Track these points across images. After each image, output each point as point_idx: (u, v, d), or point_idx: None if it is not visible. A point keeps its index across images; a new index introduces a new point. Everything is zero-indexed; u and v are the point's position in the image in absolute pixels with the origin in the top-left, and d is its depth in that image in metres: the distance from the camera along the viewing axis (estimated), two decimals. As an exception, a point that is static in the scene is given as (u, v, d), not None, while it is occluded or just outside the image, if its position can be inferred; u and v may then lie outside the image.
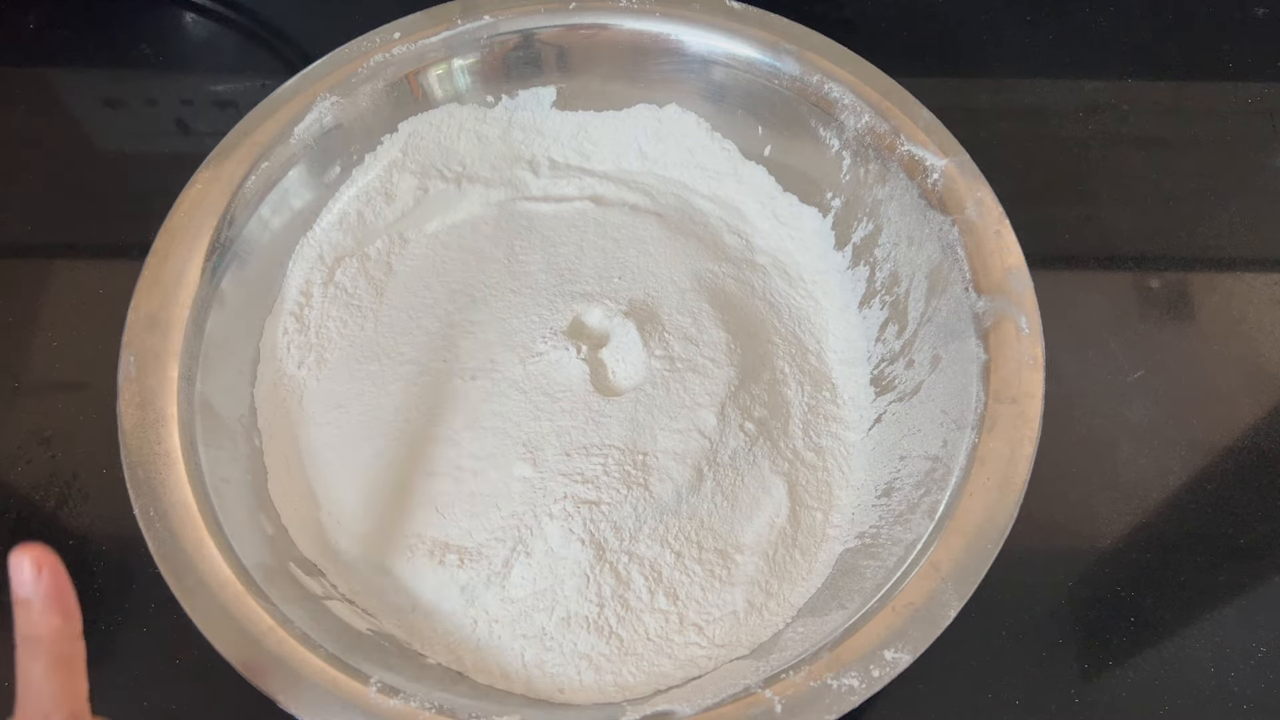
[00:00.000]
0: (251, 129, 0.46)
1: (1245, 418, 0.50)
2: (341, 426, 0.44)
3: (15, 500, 0.47)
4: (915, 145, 0.45)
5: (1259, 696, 0.43)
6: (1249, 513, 0.47)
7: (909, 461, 0.42)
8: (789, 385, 0.46)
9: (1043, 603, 0.45)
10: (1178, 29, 0.65)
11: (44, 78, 0.62)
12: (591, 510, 0.40)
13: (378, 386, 0.45)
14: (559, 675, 0.38)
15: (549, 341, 0.45)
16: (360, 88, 0.48)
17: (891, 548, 0.39)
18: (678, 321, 0.46)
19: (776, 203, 0.52)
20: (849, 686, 0.33)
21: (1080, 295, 0.54)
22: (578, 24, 0.50)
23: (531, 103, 0.53)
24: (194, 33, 0.64)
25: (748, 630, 0.40)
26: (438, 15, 0.50)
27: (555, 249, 0.50)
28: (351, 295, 0.48)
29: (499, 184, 0.53)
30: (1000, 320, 0.41)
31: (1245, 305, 0.54)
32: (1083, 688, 0.43)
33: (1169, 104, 0.61)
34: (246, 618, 0.35)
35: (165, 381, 0.39)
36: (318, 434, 0.44)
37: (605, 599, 0.39)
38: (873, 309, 0.48)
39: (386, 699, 0.33)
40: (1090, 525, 0.47)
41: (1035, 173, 0.58)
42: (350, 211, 0.49)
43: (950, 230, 0.43)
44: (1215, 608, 0.45)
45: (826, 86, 0.48)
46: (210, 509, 0.37)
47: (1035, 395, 0.39)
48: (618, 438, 0.42)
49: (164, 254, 0.42)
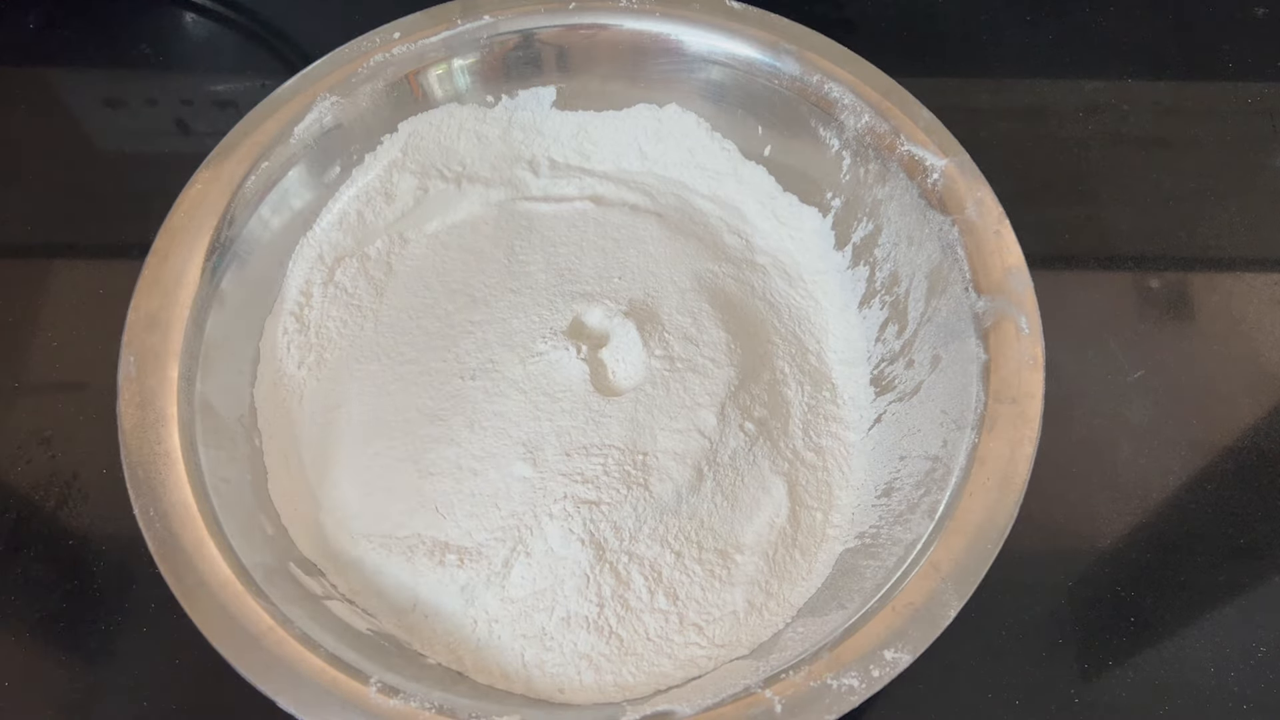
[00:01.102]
0: (251, 129, 0.46)
1: (1245, 418, 0.50)
2: (341, 426, 0.44)
3: (15, 500, 0.47)
4: (915, 145, 0.45)
5: (1259, 696, 0.43)
6: (1249, 513, 0.47)
7: (909, 461, 0.42)
8: (789, 385, 0.46)
9: (1043, 603, 0.45)
10: (1178, 29, 0.65)
11: (44, 78, 0.62)
12: (591, 510, 0.40)
13: (378, 386, 0.45)
14: (559, 675, 0.38)
15: (549, 341, 0.45)
16: (360, 88, 0.48)
17: (891, 548, 0.39)
18: (678, 321, 0.46)
19: (776, 203, 0.52)
20: (849, 686, 0.33)
21: (1080, 295, 0.54)
22: (578, 24, 0.50)
23: (531, 103, 0.53)
24: (194, 33, 0.64)
25: (748, 630, 0.40)
26: (438, 15, 0.50)
27: (555, 249, 0.50)
28: (351, 295, 0.48)
29: (499, 184, 0.53)
30: (1000, 320, 0.41)
31: (1245, 305, 0.54)
32: (1083, 688, 0.43)
33: (1169, 104, 0.61)
34: (246, 618, 0.35)
35: (165, 381, 0.39)
36: (318, 434, 0.44)
37: (605, 599, 0.39)
38: (873, 309, 0.48)
39: (386, 699, 0.33)
40: (1090, 525, 0.47)
41: (1035, 173, 0.58)
42: (350, 211, 0.49)
43: (950, 230, 0.43)
44: (1215, 608, 0.45)
45: (826, 86, 0.48)
46: (210, 509, 0.37)
47: (1035, 395, 0.39)
48: (618, 438, 0.42)
49: (164, 254, 0.42)
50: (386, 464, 0.43)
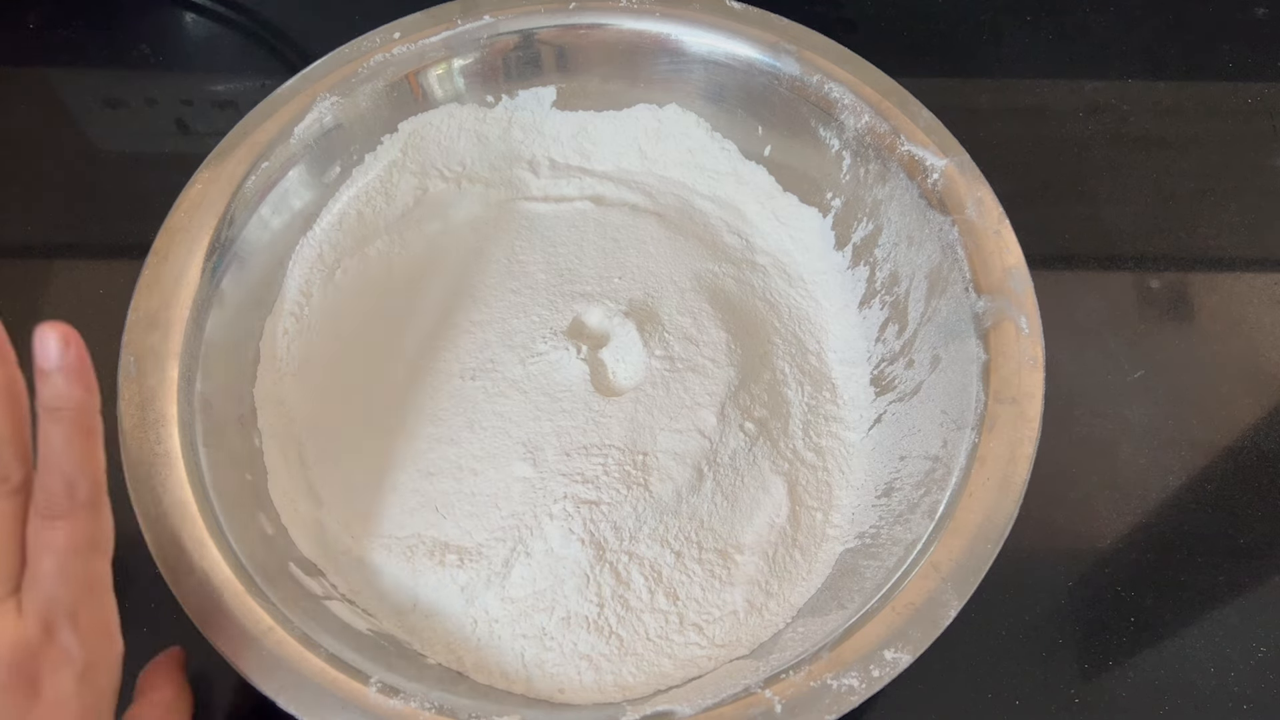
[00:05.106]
0: (251, 129, 0.46)
1: (1245, 418, 0.50)
2: (341, 426, 0.44)
3: (15, 500, 0.47)
4: (915, 145, 0.45)
5: (1259, 696, 0.43)
6: (1249, 513, 0.47)
7: (909, 461, 0.42)
8: (789, 385, 0.46)
9: (1043, 603, 0.45)
10: (1178, 29, 0.65)
11: (44, 78, 0.62)
12: (591, 510, 0.40)
13: (378, 386, 0.45)
14: (559, 675, 0.38)
15: (549, 341, 0.45)
16: (360, 88, 0.48)
17: (891, 548, 0.39)
18: (678, 321, 0.46)
19: (776, 203, 0.52)
20: (849, 686, 0.33)
21: (1080, 295, 0.54)
22: (578, 24, 0.50)
23: (531, 103, 0.53)
24: (194, 33, 0.64)
25: (748, 630, 0.40)
26: (438, 15, 0.50)
27: (555, 249, 0.50)
28: (351, 295, 0.48)
29: (499, 184, 0.53)
30: (1000, 320, 0.41)
31: (1245, 305, 0.54)
32: (1083, 688, 0.43)
33: (1169, 104, 0.61)
34: (246, 618, 0.35)
35: (165, 381, 0.39)
36: (318, 434, 0.44)
37: (605, 599, 0.39)
38: (873, 309, 0.48)
39: (386, 699, 0.33)
40: (1090, 525, 0.47)
41: (1035, 173, 0.58)
42: (350, 211, 0.49)
43: (950, 230, 0.43)
44: (1215, 608, 0.45)
45: (826, 86, 0.48)
46: (210, 509, 0.37)
47: (1035, 395, 0.39)
48: (618, 438, 0.42)
49: (164, 254, 0.42)
50: (387, 464, 0.43)
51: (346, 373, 0.46)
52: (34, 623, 0.28)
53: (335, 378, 0.46)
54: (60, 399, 0.29)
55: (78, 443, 0.29)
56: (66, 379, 0.29)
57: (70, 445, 0.29)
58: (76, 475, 0.29)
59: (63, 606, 0.29)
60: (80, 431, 0.29)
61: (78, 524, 0.29)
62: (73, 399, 0.29)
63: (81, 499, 0.29)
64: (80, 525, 0.29)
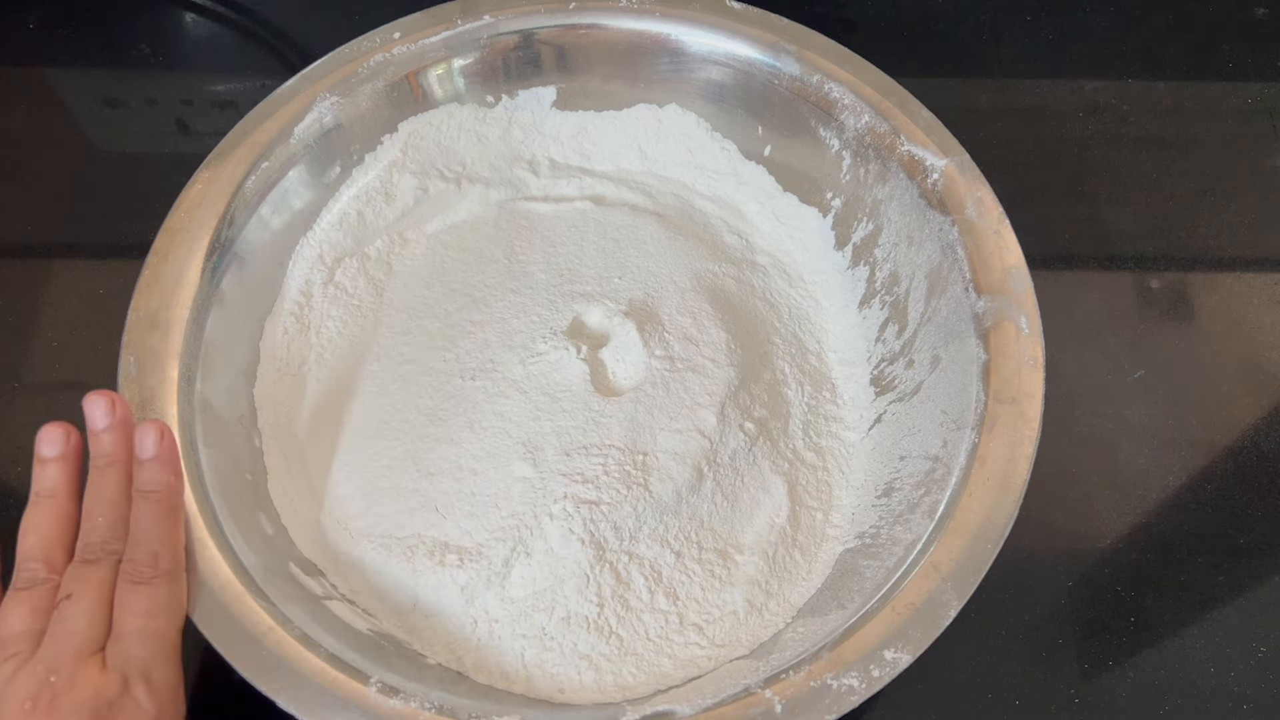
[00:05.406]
0: (251, 129, 0.46)
1: (1245, 418, 0.50)
2: (341, 426, 0.44)
3: (15, 500, 0.47)
4: (915, 145, 0.45)
5: (1259, 696, 0.43)
6: (1249, 513, 0.47)
7: (909, 461, 0.42)
8: (789, 385, 0.46)
9: (1043, 603, 0.45)
10: (1178, 29, 0.65)
11: (44, 78, 0.62)
12: (591, 510, 0.40)
13: (378, 386, 0.45)
14: (559, 675, 0.38)
15: (549, 341, 0.45)
16: (360, 88, 0.48)
17: (891, 548, 0.39)
18: (678, 321, 0.46)
19: (776, 203, 0.52)
20: (849, 686, 0.33)
21: (1080, 295, 0.54)
22: (577, 24, 0.50)
23: (531, 103, 0.53)
24: (194, 33, 0.64)
25: (748, 630, 0.40)
26: (438, 15, 0.50)
27: (555, 249, 0.49)
28: (351, 295, 0.48)
29: (499, 184, 0.53)
30: (1000, 320, 0.41)
31: (1245, 305, 0.54)
32: (1083, 688, 0.43)
33: (1169, 104, 0.61)
34: (246, 618, 0.35)
35: (165, 381, 0.39)
36: (318, 434, 0.44)
37: (605, 599, 0.39)
38: (873, 309, 0.48)
39: (386, 699, 0.33)
40: (1090, 525, 0.47)
41: (1035, 173, 0.58)
42: (350, 211, 0.49)
43: (950, 230, 0.43)
44: (1215, 608, 0.45)
45: (826, 86, 0.48)
46: (210, 509, 0.37)
47: (1035, 395, 0.39)
48: (618, 438, 0.42)
49: (164, 254, 0.42)
50: (387, 464, 0.43)
51: (347, 373, 0.46)
52: (115, 677, 0.31)
53: (335, 378, 0.46)
54: (153, 484, 0.35)
55: (165, 521, 0.34)
56: (160, 467, 0.35)
57: (158, 523, 0.34)
58: (161, 548, 0.34)
59: (140, 664, 0.32)
60: (167, 511, 0.35)
61: (158, 591, 0.33)
62: (163, 484, 0.35)
63: (164, 568, 0.34)
64: (160, 592, 0.33)
